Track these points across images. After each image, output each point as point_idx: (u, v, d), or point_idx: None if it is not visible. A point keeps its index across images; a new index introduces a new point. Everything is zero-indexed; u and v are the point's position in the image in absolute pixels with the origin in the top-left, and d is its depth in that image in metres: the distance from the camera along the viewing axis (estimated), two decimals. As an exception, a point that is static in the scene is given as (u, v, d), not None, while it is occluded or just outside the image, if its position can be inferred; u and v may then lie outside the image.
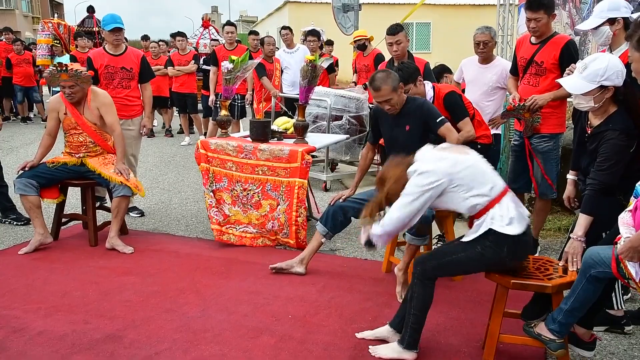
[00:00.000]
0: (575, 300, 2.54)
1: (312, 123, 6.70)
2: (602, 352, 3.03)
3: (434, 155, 2.76)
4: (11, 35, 13.20)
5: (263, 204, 4.63)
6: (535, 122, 4.09)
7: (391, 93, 3.62)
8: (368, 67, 7.34)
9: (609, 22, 3.39)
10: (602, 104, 2.86)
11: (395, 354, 2.88)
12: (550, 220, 4.95)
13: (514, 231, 2.63)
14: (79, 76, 4.44)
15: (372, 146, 4.15)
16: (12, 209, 5.33)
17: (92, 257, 4.38)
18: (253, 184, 4.65)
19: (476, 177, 2.67)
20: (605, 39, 3.47)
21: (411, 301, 2.81)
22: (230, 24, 8.69)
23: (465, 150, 2.80)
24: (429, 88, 4.09)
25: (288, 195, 4.53)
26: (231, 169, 4.72)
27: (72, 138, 4.62)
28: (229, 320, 3.32)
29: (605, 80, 2.79)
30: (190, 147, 9.58)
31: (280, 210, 4.56)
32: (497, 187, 2.69)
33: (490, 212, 2.66)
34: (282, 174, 4.54)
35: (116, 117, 4.71)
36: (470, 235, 2.73)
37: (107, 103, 4.65)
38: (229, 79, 4.91)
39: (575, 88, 2.89)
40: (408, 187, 2.70)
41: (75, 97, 4.50)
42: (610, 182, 2.80)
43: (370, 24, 10.60)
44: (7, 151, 9.02)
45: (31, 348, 2.99)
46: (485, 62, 4.85)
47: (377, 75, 3.67)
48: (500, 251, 2.66)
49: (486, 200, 2.66)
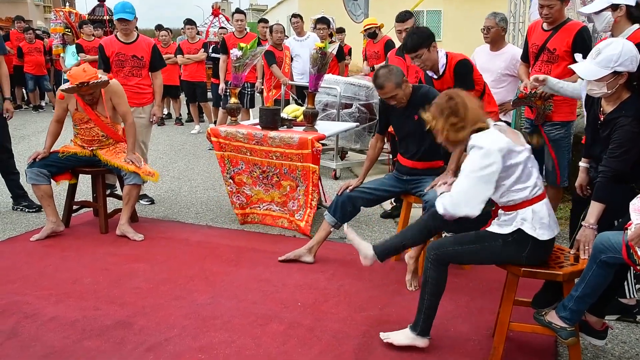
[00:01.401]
0: (586, 286, 2.52)
1: (322, 111, 6.67)
2: (613, 340, 3.01)
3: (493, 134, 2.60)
4: (23, 24, 13.24)
5: (283, 184, 4.71)
6: (547, 110, 4.04)
7: (395, 89, 3.61)
8: (378, 53, 7.29)
9: (611, 8, 3.33)
10: (615, 91, 2.81)
11: (408, 341, 2.86)
12: (561, 209, 4.90)
13: (542, 237, 2.61)
14: (98, 85, 4.36)
15: (381, 136, 4.13)
16: (24, 196, 5.37)
17: (102, 244, 4.40)
18: (270, 166, 4.71)
19: (523, 174, 2.60)
20: (606, 24, 3.41)
21: (425, 286, 2.80)
22: (239, 12, 8.66)
23: (521, 140, 2.67)
24: (442, 55, 4.05)
25: (305, 178, 4.58)
26: (246, 154, 4.75)
27: (84, 132, 4.62)
28: (238, 308, 3.33)
29: (619, 66, 2.74)
30: (200, 136, 9.60)
31: (300, 191, 4.63)
32: (536, 190, 2.63)
33: (522, 211, 2.62)
34: (295, 159, 4.56)
35: (128, 107, 4.70)
36: (494, 228, 2.71)
37: (119, 92, 4.61)
38: (238, 66, 4.90)
39: (588, 74, 2.84)
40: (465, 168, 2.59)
41: (94, 100, 4.50)
42: (622, 169, 2.77)
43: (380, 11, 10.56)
44: (19, 139, 9.08)
45: (43, 334, 3.02)
46: (495, 49, 4.85)
47: (380, 72, 3.65)
48: (521, 250, 2.64)
49: (522, 198, 2.61)
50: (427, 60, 3.92)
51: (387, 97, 3.67)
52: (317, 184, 4.58)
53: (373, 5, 11.27)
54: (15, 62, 12.49)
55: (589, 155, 3.17)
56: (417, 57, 3.90)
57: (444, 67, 4.03)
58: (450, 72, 4.00)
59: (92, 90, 4.38)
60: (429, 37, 3.92)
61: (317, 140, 4.51)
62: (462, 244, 2.76)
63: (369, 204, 4.06)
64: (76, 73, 4.31)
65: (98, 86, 4.38)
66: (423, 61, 3.93)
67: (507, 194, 2.63)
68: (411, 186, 3.84)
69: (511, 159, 2.56)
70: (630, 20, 3.30)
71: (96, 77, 4.32)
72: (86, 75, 4.27)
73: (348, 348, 2.90)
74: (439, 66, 4.03)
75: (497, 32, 4.85)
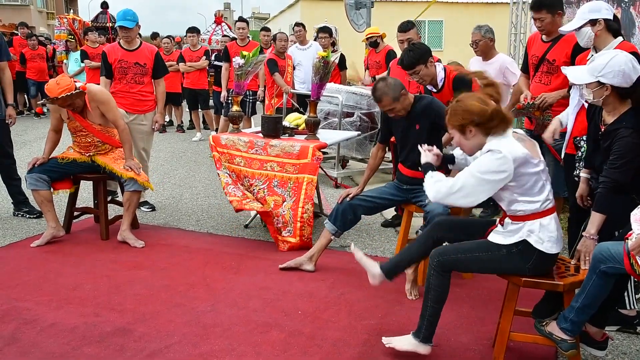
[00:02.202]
0: (586, 297, 2.52)
1: (324, 120, 6.68)
2: (613, 351, 3.00)
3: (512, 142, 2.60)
4: (26, 30, 13.30)
5: (268, 199, 4.56)
6: (546, 120, 4.05)
7: (392, 103, 3.64)
8: (379, 63, 7.31)
9: (590, 24, 3.42)
10: (602, 101, 2.82)
11: (411, 347, 2.85)
12: (562, 219, 4.89)
13: (550, 251, 2.62)
14: (71, 96, 4.29)
15: (383, 145, 4.14)
16: (25, 202, 5.38)
17: (103, 250, 4.40)
18: (259, 179, 4.62)
19: (535, 186, 2.61)
20: (588, 39, 3.50)
21: (428, 293, 2.79)
22: (242, 20, 8.71)
23: (537, 150, 2.68)
24: (440, 69, 4.08)
25: (295, 192, 4.49)
26: (239, 165, 4.71)
27: (80, 139, 4.62)
28: (238, 315, 3.33)
29: (601, 77, 2.75)
30: (202, 143, 9.62)
31: (285, 207, 4.50)
32: (547, 203, 2.64)
33: (530, 222, 2.62)
34: (290, 170, 4.51)
35: (117, 113, 4.60)
36: (499, 237, 2.71)
37: (105, 100, 4.51)
38: (240, 74, 4.92)
39: (575, 77, 2.88)
40: (476, 165, 2.60)
41: (79, 108, 4.47)
42: (623, 180, 2.77)
43: (382, 21, 10.59)
44: (21, 145, 9.10)
45: (43, 340, 3.02)
46: (487, 59, 5.02)
47: (378, 86, 3.68)
48: (525, 262, 2.64)
49: (532, 210, 2.62)
50: (425, 76, 3.97)
51: (385, 110, 3.72)
52: (311, 196, 4.47)
53: (375, 15, 11.30)
54: (17, 68, 12.54)
55: (589, 165, 3.18)
56: (415, 73, 3.93)
57: (443, 81, 4.06)
58: (449, 85, 4.04)
59: (68, 102, 4.34)
60: (425, 53, 3.97)
61: (319, 149, 4.52)
62: (466, 252, 2.76)
63: (369, 212, 4.07)
64: (49, 87, 4.27)
65: (72, 97, 4.30)
66: (421, 77, 3.99)
67: (516, 203, 2.63)
68: (411, 195, 3.85)
69: (525, 168, 2.56)
70: (610, 33, 3.40)
71: (70, 89, 4.24)
72: (58, 88, 4.21)
73: (348, 357, 2.90)
74: (437, 80, 4.06)
75: (485, 44, 5.00)
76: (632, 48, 3.38)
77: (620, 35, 3.43)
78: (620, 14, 5.28)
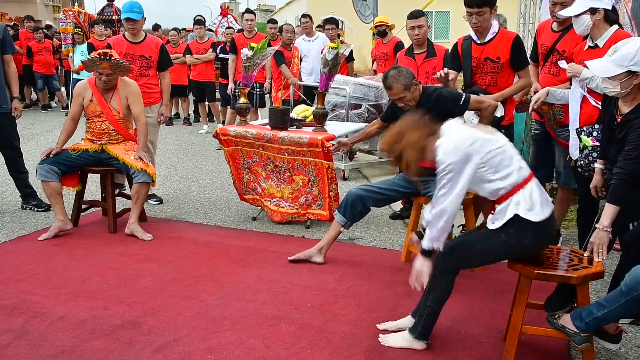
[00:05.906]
0: (610, 312, 2.45)
1: (331, 111, 6.64)
2: (627, 344, 2.97)
3: (463, 132, 2.64)
4: (32, 24, 13.29)
5: (295, 179, 4.71)
6: (557, 115, 3.99)
7: (403, 91, 3.58)
8: (387, 55, 7.25)
9: (590, 12, 3.37)
10: (629, 90, 2.78)
11: (405, 343, 2.85)
12: (572, 211, 4.86)
13: (539, 217, 2.57)
14: (119, 65, 4.44)
15: (382, 123, 4.17)
16: (33, 195, 5.38)
17: (111, 243, 4.40)
18: (282, 162, 4.71)
19: (504, 160, 2.60)
20: (585, 27, 3.47)
21: (429, 292, 2.77)
22: (249, 12, 8.65)
23: (492, 131, 2.71)
24: (495, 24, 4.12)
25: (318, 172, 4.57)
26: (259, 149, 4.78)
27: (95, 125, 4.63)
28: (247, 308, 3.31)
29: (633, 65, 2.70)
30: (208, 135, 9.60)
31: (313, 184, 4.62)
32: (523, 172, 2.62)
33: (514, 196, 2.59)
34: (307, 155, 4.56)
35: (142, 107, 4.74)
36: (494, 222, 2.67)
37: (136, 93, 4.68)
38: (248, 66, 4.89)
39: (602, 71, 2.81)
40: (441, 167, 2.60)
41: (109, 85, 4.52)
42: (638, 172, 2.73)
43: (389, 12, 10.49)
44: (28, 138, 9.11)
45: (52, 333, 3.01)
46: None
47: (390, 73, 3.62)
48: (524, 238, 2.60)
49: (511, 184, 2.59)
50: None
51: (395, 99, 3.66)
52: (334, 178, 4.55)
53: (382, 6, 11.24)
54: (24, 62, 12.54)
55: (604, 156, 3.14)
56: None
57: (494, 34, 4.09)
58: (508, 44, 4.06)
59: (111, 71, 4.42)
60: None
61: (327, 141, 4.49)
62: (468, 247, 2.74)
63: (378, 204, 4.04)
64: (107, 49, 4.44)
65: (119, 67, 4.42)
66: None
67: (496, 185, 2.61)
68: (421, 187, 3.81)
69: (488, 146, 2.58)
70: (608, 23, 3.40)
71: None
72: (111, 52, 4.38)
73: (359, 350, 2.87)
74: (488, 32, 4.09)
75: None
76: (627, 35, 3.38)
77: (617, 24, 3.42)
78: (631, 4, 5.20)
